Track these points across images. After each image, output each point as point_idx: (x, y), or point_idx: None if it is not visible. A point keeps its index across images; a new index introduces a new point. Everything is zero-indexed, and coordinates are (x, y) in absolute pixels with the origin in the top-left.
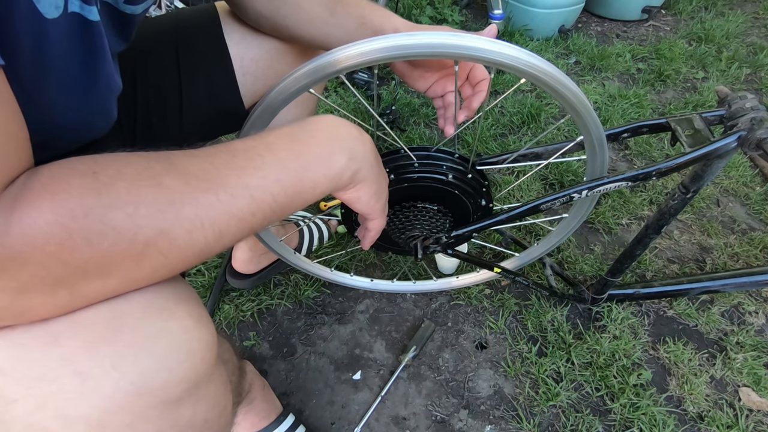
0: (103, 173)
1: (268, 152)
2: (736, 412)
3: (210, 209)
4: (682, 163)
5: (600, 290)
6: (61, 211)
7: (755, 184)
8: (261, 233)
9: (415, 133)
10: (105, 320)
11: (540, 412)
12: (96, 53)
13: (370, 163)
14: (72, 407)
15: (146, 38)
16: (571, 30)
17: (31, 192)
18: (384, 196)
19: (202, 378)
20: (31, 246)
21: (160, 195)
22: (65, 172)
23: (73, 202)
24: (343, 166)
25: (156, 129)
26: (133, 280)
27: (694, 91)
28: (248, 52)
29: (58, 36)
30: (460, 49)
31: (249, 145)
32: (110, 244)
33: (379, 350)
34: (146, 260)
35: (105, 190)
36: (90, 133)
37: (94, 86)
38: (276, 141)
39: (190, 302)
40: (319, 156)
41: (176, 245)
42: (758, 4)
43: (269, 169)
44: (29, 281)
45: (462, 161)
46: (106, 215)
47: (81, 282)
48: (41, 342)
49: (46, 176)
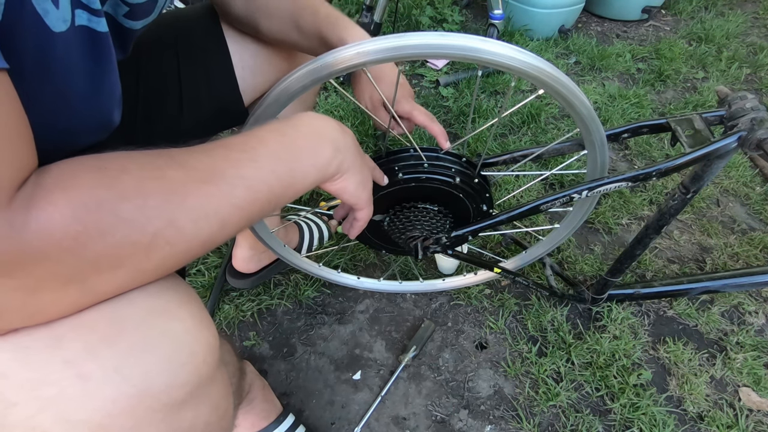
0: (109, 168)
1: (261, 145)
2: (736, 412)
3: (212, 199)
4: (682, 164)
5: (600, 290)
6: (76, 204)
7: (755, 184)
8: (258, 229)
9: (415, 133)
10: (107, 322)
11: (540, 412)
12: (102, 64)
13: (353, 153)
14: (73, 411)
15: (147, 37)
16: (571, 30)
17: (45, 189)
18: (369, 186)
19: (204, 380)
20: (49, 241)
21: (165, 186)
22: (74, 168)
23: (85, 196)
24: (329, 157)
25: (156, 126)
26: (142, 271)
27: (694, 91)
28: (247, 47)
29: (64, 49)
30: (460, 50)
31: (242, 140)
32: (122, 236)
33: (379, 350)
34: (155, 251)
35: (114, 184)
36: (91, 138)
37: (98, 95)
38: (266, 135)
39: (191, 304)
40: (306, 148)
41: (183, 234)
42: (758, 4)
43: (263, 160)
44: (44, 278)
45: (469, 166)
46: (117, 207)
47: (92, 276)
48: (44, 345)
49: (56, 173)
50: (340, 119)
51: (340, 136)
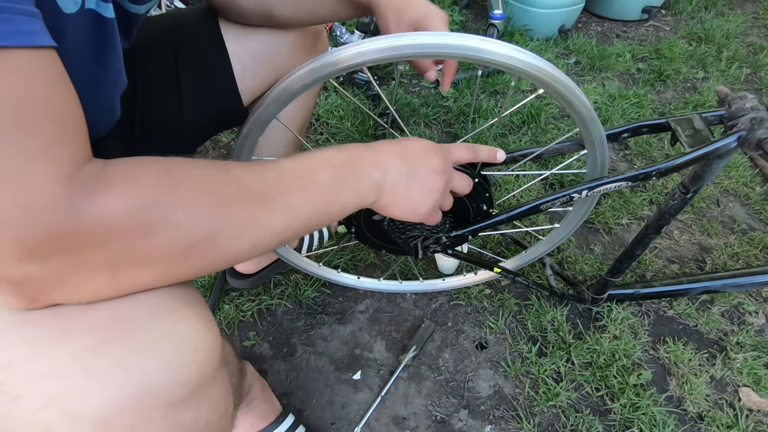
0: (172, 174)
1: (310, 175)
2: (736, 412)
3: (253, 220)
4: (682, 163)
5: (600, 290)
6: (134, 201)
7: (755, 184)
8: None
9: (415, 133)
10: (114, 319)
11: (540, 412)
12: (107, 50)
13: (394, 191)
14: (78, 406)
15: (146, 37)
16: (571, 30)
17: (109, 179)
18: (423, 209)
19: (206, 380)
20: (102, 226)
21: (217, 202)
22: (140, 167)
23: (145, 195)
24: (367, 193)
25: (155, 126)
26: (169, 275)
27: (694, 91)
28: (246, 47)
29: (73, 30)
30: (461, 50)
31: (294, 166)
32: (166, 239)
33: (379, 350)
34: (189, 259)
35: (172, 190)
36: (93, 129)
37: (102, 82)
38: (317, 165)
39: (197, 305)
40: (350, 183)
41: (217, 249)
42: (758, 4)
43: (309, 191)
44: (83, 260)
45: (469, 165)
46: (169, 213)
47: (126, 268)
48: (51, 337)
49: (123, 167)
50: (339, 119)
51: (383, 175)
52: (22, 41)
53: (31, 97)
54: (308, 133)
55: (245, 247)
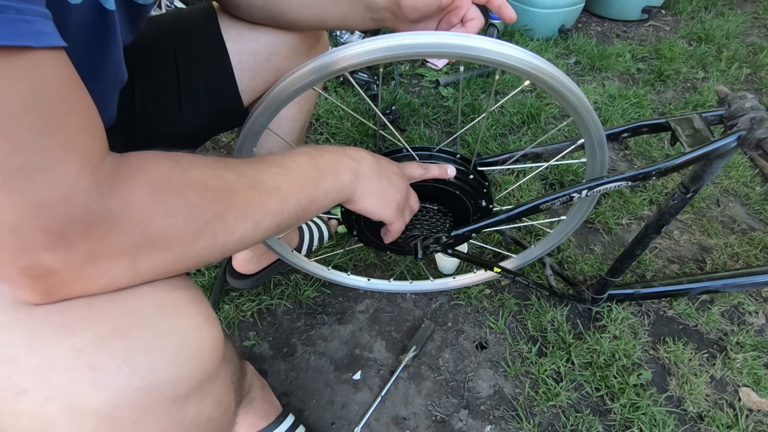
0: (181, 162)
1: (294, 163)
2: (736, 412)
3: (252, 202)
4: (682, 163)
5: (600, 290)
6: (153, 183)
7: (755, 184)
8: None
9: (415, 132)
10: (119, 314)
11: (540, 412)
12: (107, 42)
13: (372, 179)
14: (82, 400)
15: (146, 36)
16: (571, 30)
17: (130, 167)
18: (392, 206)
19: (208, 376)
20: (126, 210)
21: (221, 186)
22: (155, 157)
23: (162, 178)
24: (347, 180)
25: (154, 126)
26: (185, 257)
27: (694, 91)
28: (246, 47)
29: (77, 21)
30: (462, 49)
31: (279, 158)
32: (183, 218)
33: (379, 350)
34: (200, 239)
35: (184, 174)
36: None
37: (101, 75)
38: (298, 157)
39: (200, 303)
40: (329, 171)
41: (225, 228)
42: (758, 4)
43: (296, 176)
44: (108, 245)
45: (464, 162)
46: (184, 193)
47: (144, 252)
48: (56, 331)
49: (140, 158)
50: (339, 119)
51: (357, 164)
52: (45, 41)
53: (57, 93)
54: (308, 134)
55: (249, 228)
